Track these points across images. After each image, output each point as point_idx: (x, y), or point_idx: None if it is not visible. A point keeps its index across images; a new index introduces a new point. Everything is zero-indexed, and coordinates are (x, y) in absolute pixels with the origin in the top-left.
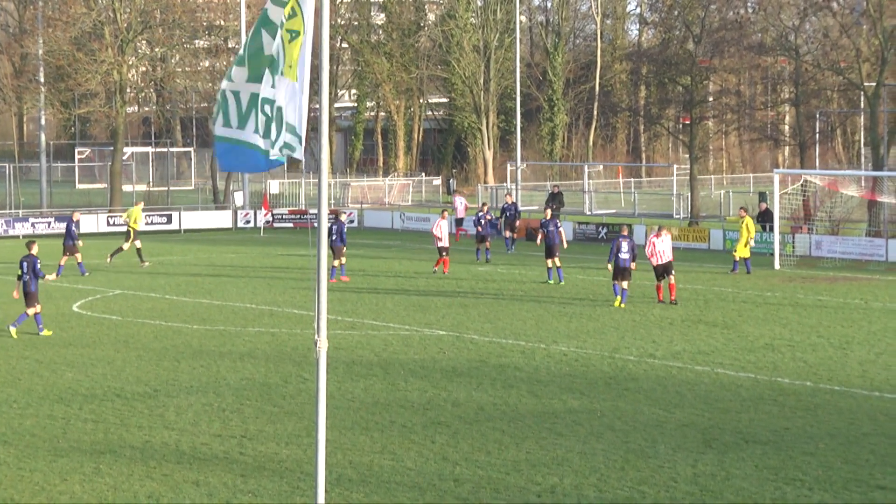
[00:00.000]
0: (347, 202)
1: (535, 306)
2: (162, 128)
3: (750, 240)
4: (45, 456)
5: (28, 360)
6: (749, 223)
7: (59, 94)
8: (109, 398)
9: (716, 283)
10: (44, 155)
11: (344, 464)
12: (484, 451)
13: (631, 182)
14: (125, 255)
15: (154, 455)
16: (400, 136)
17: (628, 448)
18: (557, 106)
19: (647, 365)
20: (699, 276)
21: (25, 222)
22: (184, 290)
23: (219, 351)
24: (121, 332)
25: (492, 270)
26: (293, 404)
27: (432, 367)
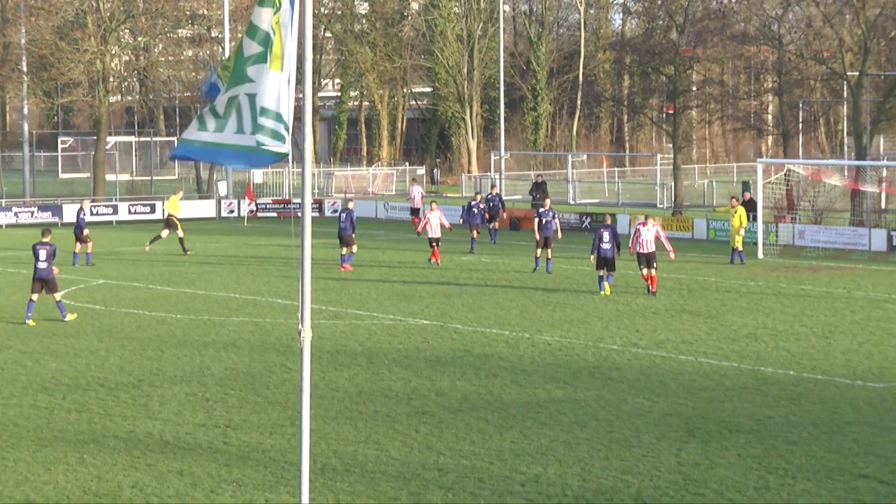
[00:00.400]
0: (331, 192)
1: (519, 295)
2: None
3: (741, 229)
4: (28, 446)
5: (11, 350)
6: (742, 213)
7: (41, 83)
8: (93, 388)
9: (699, 272)
10: (27, 144)
11: (328, 453)
12: (468, 441)
13: (615, 171)
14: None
15: (138, 445)
16: (384, 125)
17: (612, 437)
18: (541, 95)
19: (631, 354)
20: (682, 266)
21: (8, 212)
22: (167, 280)
23: (203, 340)
24: (104, 322)
25: (475, 260)
26: (277, 394)
27: (416, 357)
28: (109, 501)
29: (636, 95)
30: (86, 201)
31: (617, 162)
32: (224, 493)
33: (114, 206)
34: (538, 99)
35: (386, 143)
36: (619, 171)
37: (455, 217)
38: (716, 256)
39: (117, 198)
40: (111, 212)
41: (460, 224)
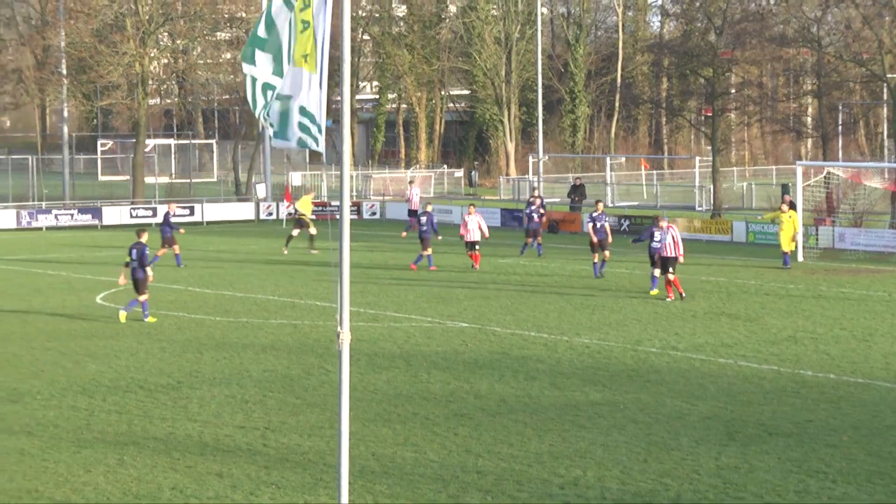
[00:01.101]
0: (369, 194)
1: (558, 298)
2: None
3: (796, 234)
4: (68, 447)
5: (51, 351)
6: (795, 217)
7: (81, 86)
8: (133, 390)
9: (738, 275)
10: (66, 147)
11: (367, 455)
12: (506, 444)
13: (653, 174)
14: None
15: (178, 446)
16: (422, 127)
17: (651, 440)
18: (579, 98)
19: (670, 357)
20: (721, 269)
21: (48, 214)
22: (206, 282)
23: (241, 343)
24: (144, 324)
25: (514, 263)
26: (316, 396)
27: (454, 359)
28: (149, 503)
29: (674, 98)
30: (172, 205)
31: (655, 164)
32: (263, 496)
33: (153, 209)
34: (576, 101)
35: (424, 146)
36: (658, 174)
37: (494, 220)
38: (755, 259)
39: (156, 200)
40: (150, 214)
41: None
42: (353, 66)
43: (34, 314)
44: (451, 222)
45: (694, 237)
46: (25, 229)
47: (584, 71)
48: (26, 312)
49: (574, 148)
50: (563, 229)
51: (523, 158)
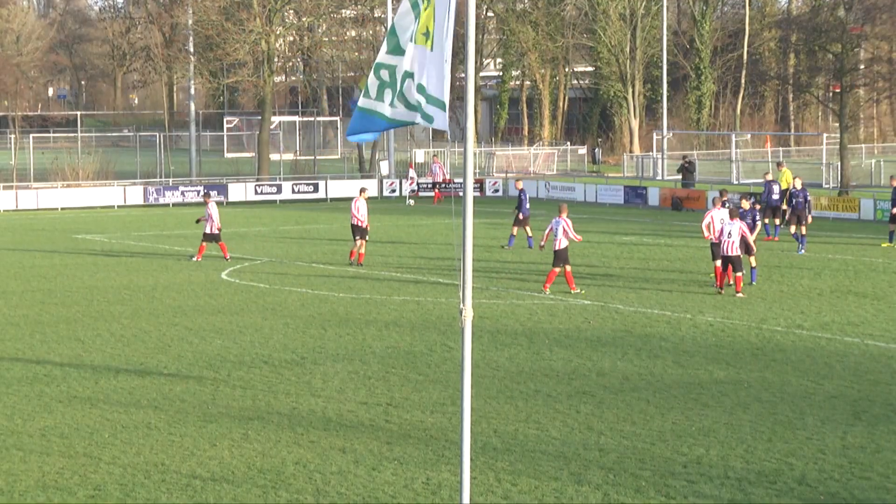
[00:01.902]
0: (492, 171)
1: (681, 276)
2: (309, 97)
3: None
4: (194, 421)
5: (178, 327)
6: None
7: (207, 63)
8: (257, 365)
9: (865, 253)
10: (193, 124)
11: (489, 432)
12: (629, 422)
13: (779, 151)
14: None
15: (301, 422)
16: (545, 105)
17: (776, 419)
18: (704, 74)
19: (795, 336)
20: (849, 247)
21: (175, 191)
22: (329, 259)
23: (364, 319)
24: (268, 300)
25: (637, 240)
26: (438, 373)
27: (577, 337)
28: (273, 477)
29: (802, 74)
30: (519, 182)
31: (781, 142)
32: (386, 471)
33: (278, 186)
34: (702, 78)
35: (547, 123)
36: (784, 151)
37: (617, 197)
38: (883, 237)
39: (281, 177)
40: (275, 191)
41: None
42: (478, 43)
43: (161, 289)
44: (574, 199)
45: (821, 214)
46: (153, 205)
47: (710, 47)
48: (153, 288)
49: (699, 125)
50: (688, 206)
51: (647, 135)
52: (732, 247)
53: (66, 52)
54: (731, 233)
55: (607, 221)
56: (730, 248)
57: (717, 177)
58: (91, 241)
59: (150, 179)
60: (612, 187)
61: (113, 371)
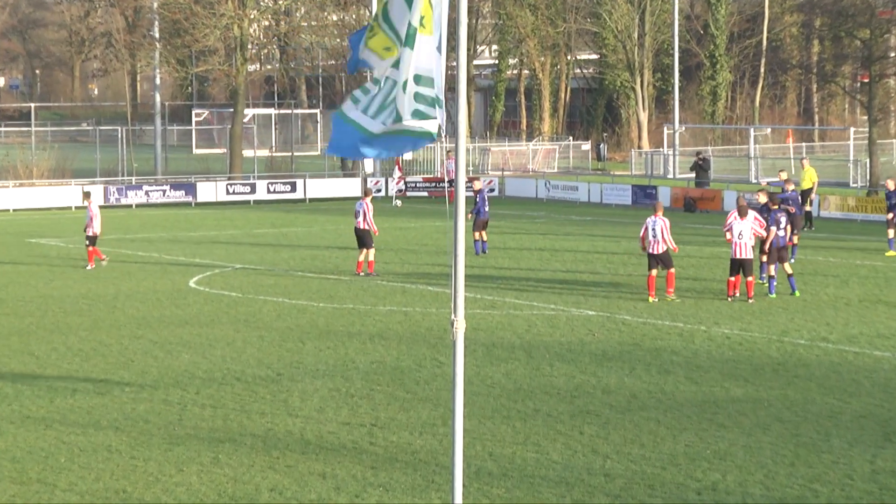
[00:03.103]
0: (487, 169)
1: (694, 284)
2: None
3: None
4: (159, 444)
5: (141, 340)
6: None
7: (174, 50)
8: (229, 382)
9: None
10: (158, 117)
11: (483, 456)
12: (637, 444)
13: (802, 147)
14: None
15: (277, 444)
16: (545, 96)
17: (798, 441)
18: (720, 63)
19: (820, 349)
20: (878, 253)
21: (139, 190)
22: (309, 265)
23: (347, 331)
24: (241, 311)
25: None
26: (428, 390)
27: (580, 351)
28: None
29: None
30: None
31: (804, 136)
32: (370, 498)
33: (252, 185)
34: (717, 66)
35: (547, 116)
36: (807, 147)
37: (625, 197)
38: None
39: (255, 175)
40: (249, 191)
41: None
42: (471, 28)
43: (123, 299)
44: (577, 200)
45: (847, 216)
46: (114, 206)
47: (726, 33)
48: (115, 297)
49: (714, 118)
50: (702, 207)
51: (657, 130)
52: (745, 249)
53: (20, 38)
54: (743, 233)
55: (613, 224)
56: (742, 251)
57: (733, 175)
58: (46, 246)
59: (111, 178)
60: (618, 187)
61: (70, 389)
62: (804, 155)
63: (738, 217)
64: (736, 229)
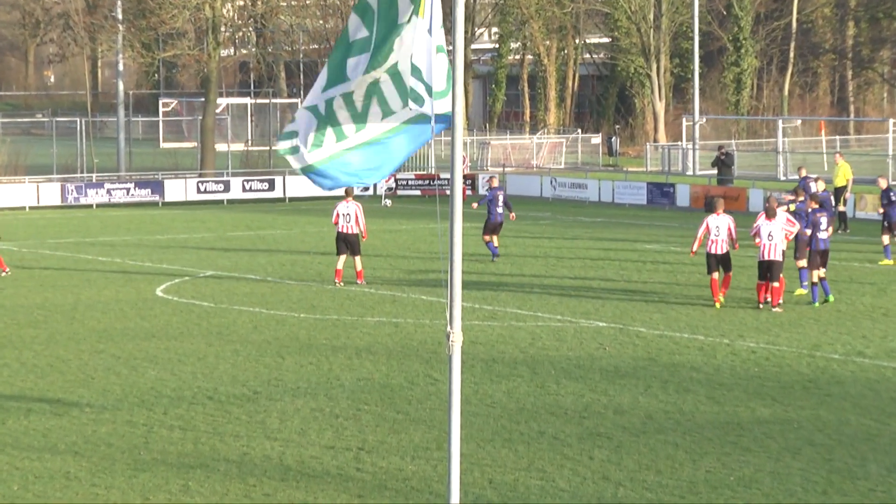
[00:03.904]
0: (486, 165)
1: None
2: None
3: None
4: (123, 470)
5: (103, 354)
6: None
7: (139, 33)
8: (200, 401)
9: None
10: (122, 107)
11: (482, 483)
12: (653, 470)
13: (835, 140)
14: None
15: (253, 470)
16: (550, 84)
17: (832, 467)
18: (745, 47)
19: (856, 365)
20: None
21: (100, 188)
22: (289, 272)
23: (331, 345)
24: (213, 322)
25: (663, 249)
26: (421, 410)
27: (590, 367)
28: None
29: (863, 46)
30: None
31: (838, 128)
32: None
33: (225, 183)
34: (741, 51)
35: (553, 106)
36: (841, 140)
37: (640, 196)
38: None
39: (229, 172)
40: (222, 189)
41: None
42: (468, 8)
43: (83, 309)
44: (586, 199)
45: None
46: (72, 206)
47: (752, 14)
48: (74, 307)
49: (738, 108)
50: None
51: (675, 121)
52: (774, 250)
53: None
54: (773, 233)
55: (626, 226)
56: (771, 251)
57: (759, 171)
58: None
59: (68, 175)
60: (632, 184)
61: (24, 409)
62: (838, 149)
63: (766, 218)
64: (765, 231)
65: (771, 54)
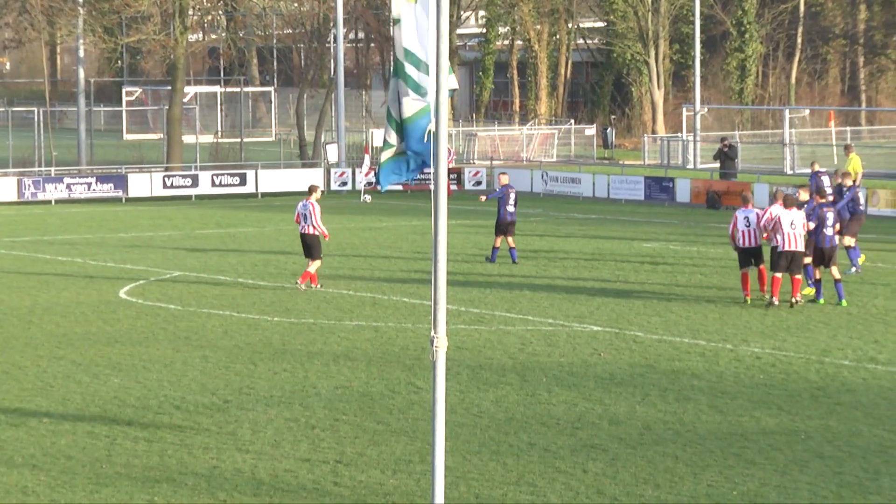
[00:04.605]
0: (473, 157)
1: (719, 294)
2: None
3: None
4: (84, 485)
5: (63, 361)
6: None
7: (101, 17)
8: (167, 411)
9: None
10: (82, 96)
11: (468, 497)
12: (651, 484)
13: (846, 131)
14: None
15: (224, 485)
16: (542, 71)
17: (842, 481)
18: (749, 32)
19: (868, 372)
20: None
21: (59, 183)
22: (261, 272)
23: (306, 351)
24: (181, 326)
25: (662, 247)
26: (402, 420)
27: (584, 374)
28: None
29: (876, 31)
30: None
31: (849, 119)
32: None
33: (193, 177)
34: (745, 36)
35: (545, 95)
36: (852, 132)
37: (637, 192)
38: None
39: (198, 165)
40: (190, 183)
41: None
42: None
43: (41, 312)
44: (579, 195)
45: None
46: (29, 202)
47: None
48: (31, 311)
49: (742, 97)
50: (727, 203)
51: (675, 111)
52: (797, 240)
53: None
54: (794, 222)
55: (623, 223)
56: (793, 242)
57: (765, 165)
58: None
59: (25, 169)
60: (629, 179)
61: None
62: (849, 141)
63: (786, 208)
64: (786, 220)
65: (777, 39)
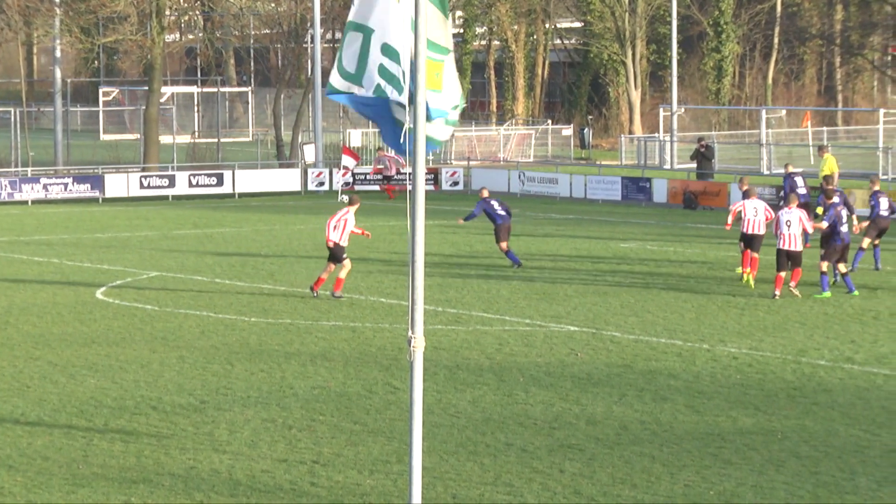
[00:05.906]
0: (450, 158)
1: (696, 294)
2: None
3: None
4: (60, 486)
5: (39, 361)
6: None
7: (78, 17)
8: (143, 411)
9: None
10: (59, 97)
11: (445, 498)
12: (628, 484)
13: (822, 132)
14: None
15: (201, 485)
16: (519, 71)
17: (818, 481)
18: (726, 32)
19: (844, 372)
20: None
21: (35, 184)
22: (238, 273)
23: (284, 351)
24: (157, 327)
25: (639, 247)
26: (380, 421)
27: (561, 374)
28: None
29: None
30: None
31: (826, 119)
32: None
33: (170, 177)
34: (722, 37)
35: (522, 96)
36: (829, 132)
37: (614, 192)
38: None
39: (175, 166)
40: (167, 184)
41: None
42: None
43: (17, 313)
44: (557, 195)
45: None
46: (6, 203)
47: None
48: (7, 311)
49: (719, 98)
50: (704, 203)
51: (652, 112)
52: (794, 240)
53: None
54: (791, 222)
55: (600, 223)
56: (792, 241)
57: (742, 165)
58: None
59: (2, 169)
60: (606, 179)
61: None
62: (825, 142)
63: (786, 206)
64: (783, 219)
65: (754, 40)
